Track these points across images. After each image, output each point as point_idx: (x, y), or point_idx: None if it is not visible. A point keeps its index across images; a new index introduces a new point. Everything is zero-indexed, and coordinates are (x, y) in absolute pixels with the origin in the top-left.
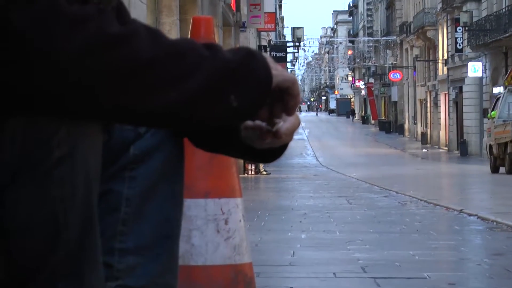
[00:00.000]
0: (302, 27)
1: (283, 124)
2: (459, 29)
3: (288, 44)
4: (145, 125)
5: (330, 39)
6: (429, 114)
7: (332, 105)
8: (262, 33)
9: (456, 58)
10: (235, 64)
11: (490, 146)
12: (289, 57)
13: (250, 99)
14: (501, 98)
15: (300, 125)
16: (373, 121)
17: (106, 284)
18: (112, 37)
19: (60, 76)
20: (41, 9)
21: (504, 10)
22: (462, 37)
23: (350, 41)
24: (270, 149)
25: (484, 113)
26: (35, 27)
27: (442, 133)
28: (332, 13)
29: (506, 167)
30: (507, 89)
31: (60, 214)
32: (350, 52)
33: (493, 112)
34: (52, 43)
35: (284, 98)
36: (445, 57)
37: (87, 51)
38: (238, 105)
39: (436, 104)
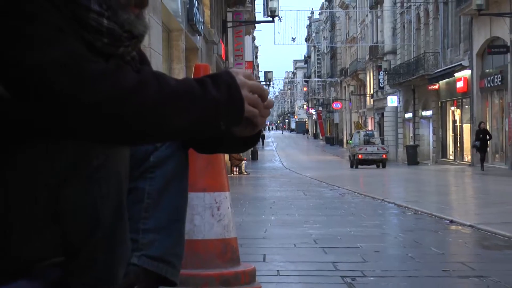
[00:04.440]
0: (272, 71)
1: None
2: (381, 73)
3: (262, 83)
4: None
5: (291, 80)
6: None
7: (293, 125)
8: None
9: (379, 93)
10: (220, 101)
11: (349, 156)
12: None
13: (233, 122)
14: (354, 134)
15: (270, 140)
16: (321, 137)
17: (132, 254)
18: (126, 88)
19: (84, 117)
20: (72, 69)
21: (412, 60)
22: (383, 78)
23: (305, 81)
24: (250, 137)
25: (347, 141)
26: (68, 82)
27: None
28: (293, 61)
29: (354, 165)
30: (356, 130)
31: (99, 206)
32: (305, 89)
33: (350, 141)
34: (80, 93)
35: None
36: (371, 92)
37: (106, 99)
38: (226, 127)
39: (365, 125)
